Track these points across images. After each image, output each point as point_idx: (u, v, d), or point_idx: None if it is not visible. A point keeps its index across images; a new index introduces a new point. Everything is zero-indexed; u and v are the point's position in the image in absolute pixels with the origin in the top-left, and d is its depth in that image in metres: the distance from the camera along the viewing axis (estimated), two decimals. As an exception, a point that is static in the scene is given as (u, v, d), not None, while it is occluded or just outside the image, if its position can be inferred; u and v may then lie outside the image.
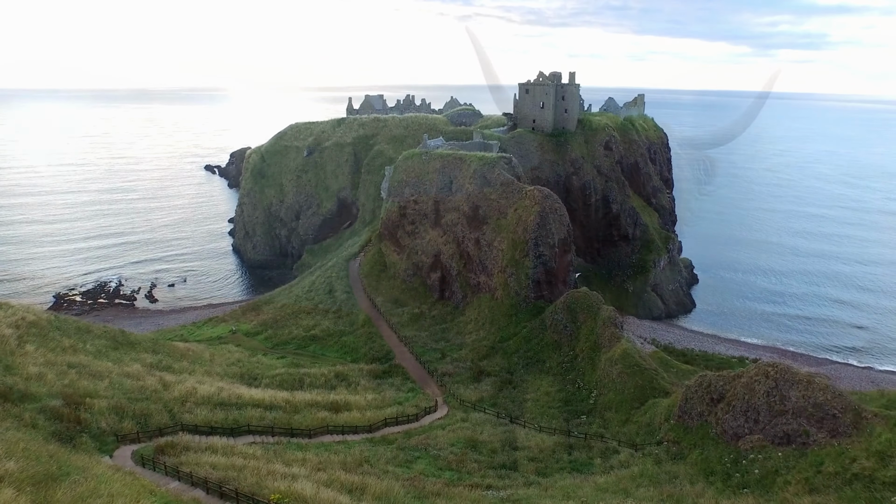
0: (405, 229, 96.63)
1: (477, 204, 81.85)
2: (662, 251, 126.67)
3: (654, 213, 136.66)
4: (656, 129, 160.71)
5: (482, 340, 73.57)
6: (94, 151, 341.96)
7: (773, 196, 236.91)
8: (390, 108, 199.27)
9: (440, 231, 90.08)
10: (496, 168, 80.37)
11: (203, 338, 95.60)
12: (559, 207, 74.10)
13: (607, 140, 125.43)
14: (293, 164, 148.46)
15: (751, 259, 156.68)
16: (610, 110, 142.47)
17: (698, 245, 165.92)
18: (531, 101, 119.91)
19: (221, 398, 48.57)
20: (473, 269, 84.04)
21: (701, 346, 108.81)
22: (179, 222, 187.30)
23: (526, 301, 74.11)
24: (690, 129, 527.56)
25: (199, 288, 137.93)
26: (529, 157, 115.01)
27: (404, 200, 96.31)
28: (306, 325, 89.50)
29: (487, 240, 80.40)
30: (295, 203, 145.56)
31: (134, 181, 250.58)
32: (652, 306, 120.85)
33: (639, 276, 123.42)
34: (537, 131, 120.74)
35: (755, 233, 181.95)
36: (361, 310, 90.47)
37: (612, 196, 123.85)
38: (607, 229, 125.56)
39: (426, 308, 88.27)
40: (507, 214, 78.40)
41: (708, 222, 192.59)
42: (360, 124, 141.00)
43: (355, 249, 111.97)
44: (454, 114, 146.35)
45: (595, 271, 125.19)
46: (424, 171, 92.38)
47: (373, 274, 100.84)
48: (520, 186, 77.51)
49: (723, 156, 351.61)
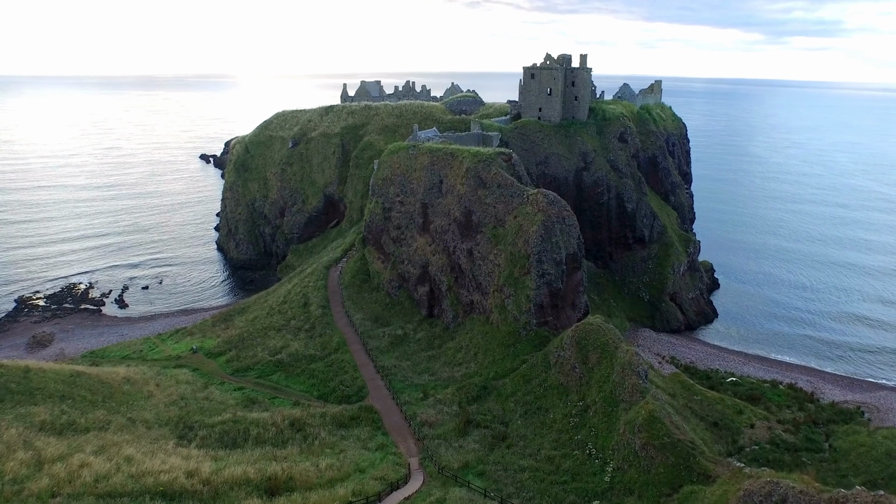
0: (390, 234, 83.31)
1: (470, 209, 68.25)
2: (682, 255, 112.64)
3: (673, 211, 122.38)
4: (674, 118, 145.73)
5: (473, 376, 60.35)
6: (88, 141, 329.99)
7: (792, 191, 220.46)
8: (388, 94, 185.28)
9: (429, 238, 76.66)
10: (492, 166, 66.63)
11: (161, 356, 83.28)
12: (568, 216, 60.35)
13: (622, 131, 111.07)
14: (278, 157, 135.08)
15: (773, 261, 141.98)
16: (625, 98, 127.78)
17: (716, 245, 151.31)
18: (537, 87, 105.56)
19: (113, 484, 35.73)
20: (466, 284, 70.69)
21: (727, 366, 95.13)
22: (164, 217, 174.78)
23: (526, 328, 60.75)
24: (704, 117, 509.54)
25: (174, 291, 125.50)
26: (534, 151, 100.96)
27: (389, 201, 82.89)
28: (273, 347, 76.69)
29: (481, 252, 66.92)
30: (279, 199, 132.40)
31: (123, 173, 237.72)
32: (670, 317, 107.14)
33: (655, 283, 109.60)
34: (544, 121, 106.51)
35: (775, 232, 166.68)
36: (337, 329, 77.43)
37: (626, 194, 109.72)
38: (621, 231, 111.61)
39: (411, 329, 75.07)
40: (504, 222, 64.82)
41: (724, 220, 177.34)
42: (348, 112, 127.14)
43: (337, 254, 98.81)
44: (453, 101, 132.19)
45: (607, 277, 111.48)
46: (411, 168, 78.79)
47: (354, 284, 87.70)
48: (520, 189, 63.76)
49: (738, 147, 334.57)
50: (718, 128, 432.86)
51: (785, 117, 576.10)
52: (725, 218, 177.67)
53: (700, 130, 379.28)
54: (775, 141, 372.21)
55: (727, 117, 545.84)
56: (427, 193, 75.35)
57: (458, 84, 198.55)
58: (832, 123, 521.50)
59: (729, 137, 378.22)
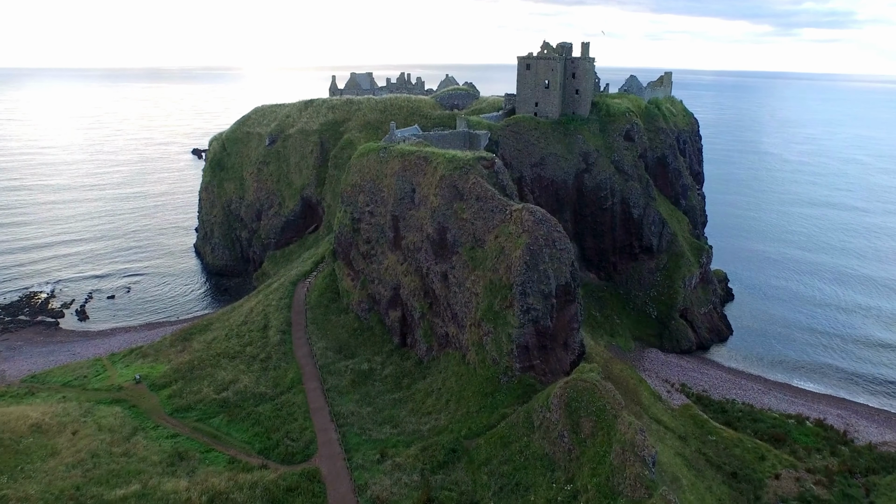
0: (359, 249, 72.03)
1: (444, 224, 56.76)
2: (694, 266, 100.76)
3: (684, 217, 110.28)
4: (685, 113, 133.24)
5: (442, 432, 49.14)
6: (80, 136, 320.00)
7: (809, 193, 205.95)
8: (380, 87, 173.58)
9: (400, 256, 65.32)
10: (470, 174, 55.06)
11: (103, 385, 72.72)
12: (559, 238, 48.75)
13: (628, 129, 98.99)
14: (255, 155, 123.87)
15: (791, 273, 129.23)
16: (631, 91, 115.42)
17: (728, 251, 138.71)
18: (533, 79, 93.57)
19: None
20: (440, 313, 59.39)
21: (744, 397, 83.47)
22: (144, 221, 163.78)
23: (508, 374, 49.40)
24: (713, 111, 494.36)
25: (142, 301, 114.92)
26: (529, 151, 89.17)
27: (358, 211, 71.54)
28: (222, 381, 65.78)
29: (457, 277, 55.51)
30: (256, 201, 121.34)
31: (109, 171, 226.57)
32: (680, 336, 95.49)
33: (664, 298, 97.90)
34: (540, 118, 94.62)
35: (792, 240, 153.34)
36: (294, 361, 66.39)
37: (633, 198, 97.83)
38: (626, 239, 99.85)
39: (379, 361, 63.90)
40: (484, 242, 53.36)
41: (737, 224, 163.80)
42: (329, 107, 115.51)
43: (307, 267, 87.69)
44: (444, 95, 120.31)
45: (610, 291, 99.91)
46: (381, 175, 67.33)
47: (321, 305, 76.56)
48: (503, 203, 52.19)
49: (749, 143, 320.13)
50: (728, 121, 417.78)
51: (797, 110, 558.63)
52: (738, 223, 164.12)
53: (709, 124, 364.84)
54: (788, 135, 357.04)
55: (737, 110, 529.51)
56: (398, 204, 63.92)
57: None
58: (846, 117, 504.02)
59: (739, 132, 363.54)
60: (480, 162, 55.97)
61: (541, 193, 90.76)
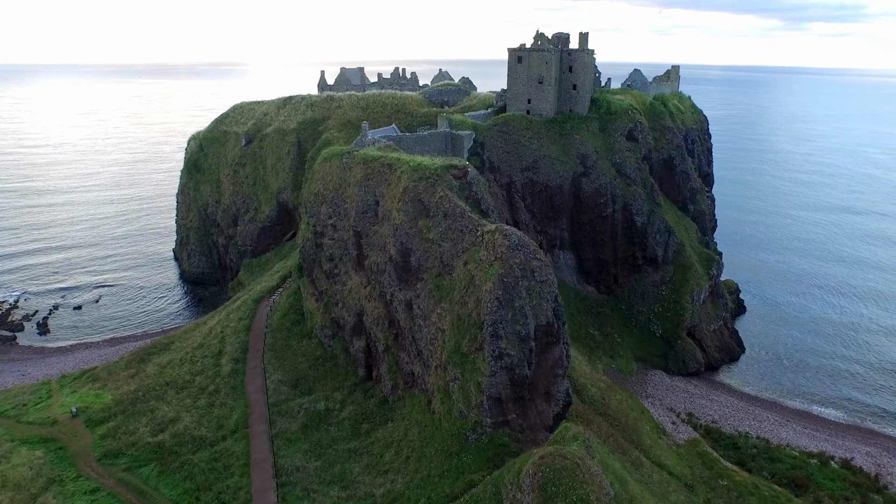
0: (322, 267, 63.14)
1: (407, 245, 47.67)
2: (703, 279, 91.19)
3: (692, 223, 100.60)
4: (694, 110, 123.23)
5: (398, 499, 40.27)
6: (76, 134, 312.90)
7: (824, 195, 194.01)
8: (371, 82, 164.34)
9: (364, 277, 56.33)
10: (438, 186, 45.90)
11: (38, 418, 64.48)
12: (539, 267, 39.51)
13: (631, 128, 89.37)
14: (231, 156, 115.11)
15: (807, 285, 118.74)
16: (636, 87, 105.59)
17: (739, 257, 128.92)
18: (525, 73, 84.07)
19: None
20: (405, 347, 50.42)
21: (759, 429, 73.92)
22: (128, 223, 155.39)
23: (477, 430, 40.37)
24: (721, 106, 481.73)
25: (110, 313, 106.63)
26: (519, 154, 79.75)
27: (321, 224, 62.61)
28: (162, 419, 57.22)
29: (422, 308, 46.46)
30: (232, 205, 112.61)
31: (99, 171, 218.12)
32: (687, 357, 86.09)
33: (670, 314, 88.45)
34: (534, 116, 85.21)
35: (808, 248, 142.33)
36: (244, 397, 57.69)
37: (636, 205, 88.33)
38: (629, 249, 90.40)
39: (339, 399, 55.05)
40: (452, 269, 44.25)
41: (747, 227, 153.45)
42: (308, 105, 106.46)
43: (274, 282, 79.02)
44: (434, 91, 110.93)
45: (611, 306, 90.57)
46: (345, 183, 58.28)
47: (283, 328, 67.79)
48: (473, 222, 43.00)
49: (759, 140, 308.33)
50: (737, 117, 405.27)
51: (807, 105, 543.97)
52: (749, 229, 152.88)
53: (717, 120, 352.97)
54: (800, 132, 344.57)
55: (746, 106, 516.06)
56: (360, 218, 54.84)
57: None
58: (858, 112, 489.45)
59: (749, 128, 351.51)
60: (450, 171, 46.75)
61: (533, 200, 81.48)
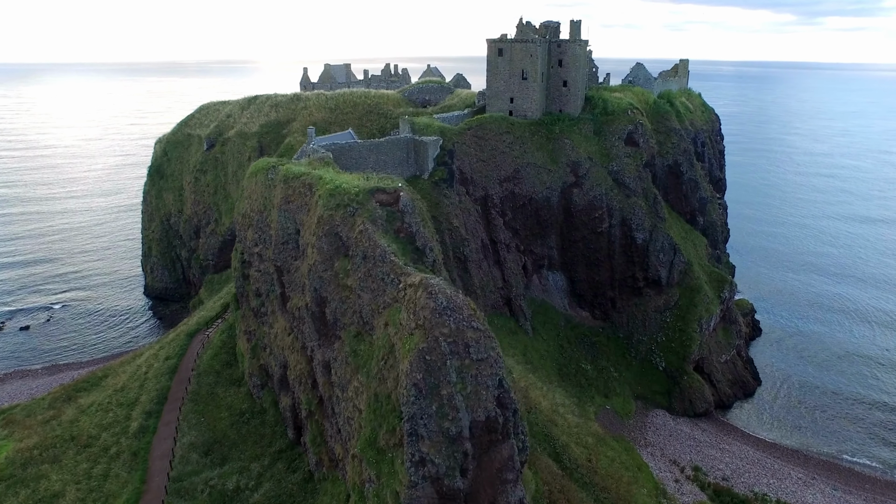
0: (249, 303, 51.98)
1: (322, 293, 36.29)
2: (713, 303, 78.89)
3: (702, 238, 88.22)
4: (704, 109, 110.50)
5: None
6: (71, 135, 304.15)
7: (846, 198, 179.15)
8: (358, 80, 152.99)
9: (288, 321, 45.03)
10: (357, 218, 34.38)
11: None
12: (477, 340, 27.76)
13: (630, 130, 77.15)
14: (193, 161, 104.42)
15: (830, 295, 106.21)
16: (637, 82, 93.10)
17: (753, 271, 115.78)
18: (507, 68, 72.08)
19: None
20: (328, 416, 39.10)
21: (780, 489, 61.71)
22: (102, 236, 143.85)
23: (398, 559, 28.91)
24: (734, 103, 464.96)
25: (60, 334, 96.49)
26: (497, 161, 67.87)
27: (248, 251, 51.38)
28: (42, 496, 46.49)
29: (339, 375, 35.09)
30: (194, 215, 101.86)
31: (84, 175, 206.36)
32: (694, 396, 73.98)
33: (675, 344, 76.30)
34: (517, 117, 73.27)
35: (830, 254, 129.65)
36: (142, 468, 46.59)
37: (636, 219, 76.19)
38: (628, 269, 78.31)
39: (256, 473, 43.88)
40: (372, 327, 32.80)
41: (762, 237, 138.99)
42: (272, 105, 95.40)
43: (215, 310, 68.11)
44: (414, 89, 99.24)
45: (607, 335, 78.57)
46: (269, 205, 46.96)
47: (212, 370, 56.74)
48: (395, 269, 31.44)
49: (774, 139, 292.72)
50: (750, 115, 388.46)
51: (824, 102, 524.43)
52: (765, 241, 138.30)
53: (730, 118, 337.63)
54: (816, 129, 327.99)
55: (759, 102, 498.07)
56: (280, 250, 43.46)
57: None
58: (877, 108, 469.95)
59: (763, 126, 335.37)
60: (375, 196, 35.20)
61: (515, 216, 69.67)
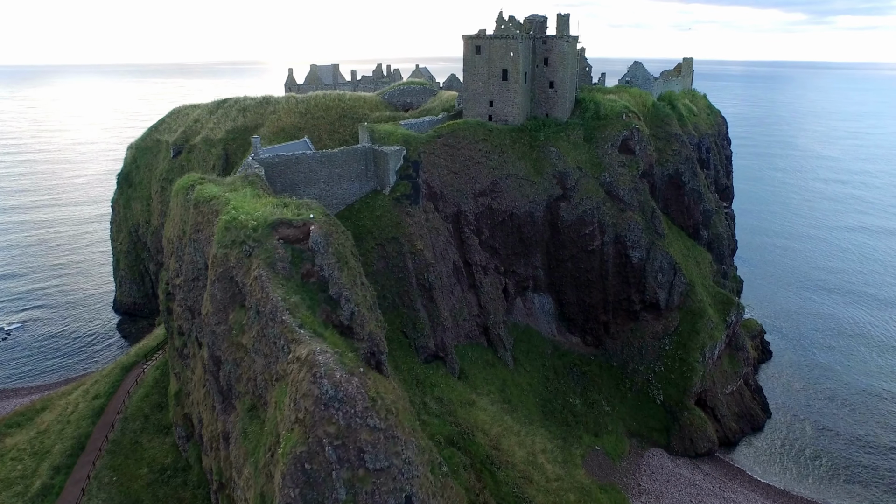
0: (174, 342, 44.56)
1: (215, 350, 28.79)
2: (718, 329, 70.65)
3: (706, 254, 79.93)
4: (710, 111, 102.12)
5: None
6: (63, 139, 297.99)
7: (861, 207, 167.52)
8: (346, 81, 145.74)
9: (203, 370, 37.52)
10: (255, 259, 26.78)
11: None
12: (375, 442, 20.00)
13: (626, 136, 69.08)
14: (160, 169, 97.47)
15: (846, 317, 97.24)
16: (636, 83, 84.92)
17: (762, 286, 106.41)
18: (485, 67, 64.28)
19: None
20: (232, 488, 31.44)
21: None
22: (78, 241, 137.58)
23: None
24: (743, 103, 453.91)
25: (19, 349, 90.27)
26: (472, 173, 60.03)
27: (171, 281, 44.02)
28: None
29: (235, 457, 27.52)
30: (161, 226, 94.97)
31: (67, 182, 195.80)
32: (696, 433, 65.84)
33: (675, 375, 68.16)
34: (497, 122, 65.43)
35: (846, 266, 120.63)
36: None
37: (631, 236, 68.13)
38: (623, 291, 70.24)
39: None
40: (266, 402, 25.18)
41: (773, 252, 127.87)
42: (240, 109, 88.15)
43: (157, 341, 60.89)
44: (394, 91, 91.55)
45: (599, 364, 70.52)
46: (186, 230, 39.51)
47: (140, 414, 49.40)
48: (287, 333, 23.78)
49: (785, 141, 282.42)
50: (759, 117, 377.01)
51: (835, 102, 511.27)
52: (777, 256, 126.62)
53: (739, 119, 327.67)
54: (828, 131, 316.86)
55: (769, 102, 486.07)
56: (190, 287, 36.04)
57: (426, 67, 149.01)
58: (890, 108, 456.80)
59: (773, 127, 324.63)
60: (277, 231, 27.51)
61: (493, 234, 61.82)
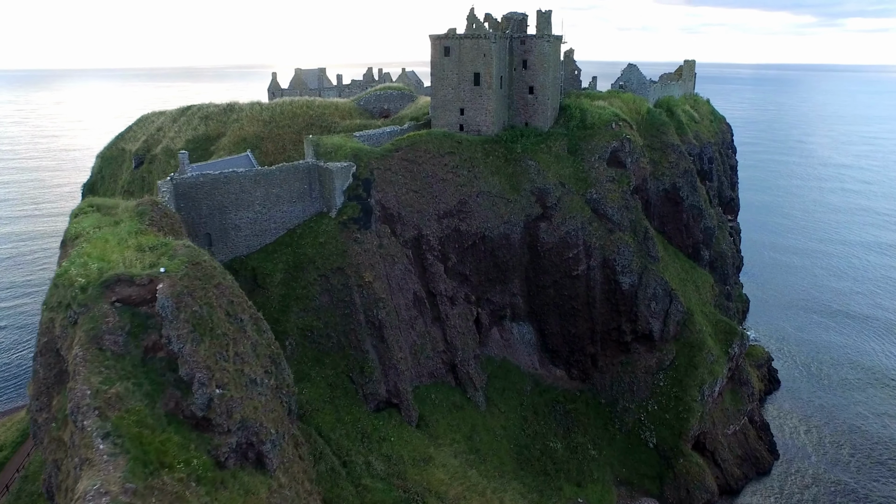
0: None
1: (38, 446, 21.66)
2: (719, 363, 62.80)
3: (707, 276, 72.04)
4: (714, 118, 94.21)
5: None
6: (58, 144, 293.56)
7: (874, 217, 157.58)
8: (332, 86, 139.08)
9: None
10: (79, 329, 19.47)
11: None
12: None
13: (615, 147, 61.49)
14: (122, 181, 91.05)
15: (862, 347, 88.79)
16: (630, 87, 77.23)
17: (769, 309, 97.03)
18: (456, 71, 56.97)
19: None
20: None
21: None
22: (49, 255, 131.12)
23: None
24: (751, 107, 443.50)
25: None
26: (434, 192, 52.62)
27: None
28: None
29: None
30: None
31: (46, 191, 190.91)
32: (692, 482, 58.03)
33: (670, 415, 60.41)
34: (469, 133, 58.13)
35: (860, 287, 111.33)
36: None
37: (621, 259, 60.51)
38: (612, 320, 62.57)
39: None
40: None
41: (783, 271, 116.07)
42: (202, 117, 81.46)
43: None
44: (370, 96, 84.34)
45: (586, 401, 62.83)
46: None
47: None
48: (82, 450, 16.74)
49: (794, 146, 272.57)
50: (768, 121, 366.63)
51: (846, 105, 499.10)
52: (786, 278, 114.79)
53: (747, 123, 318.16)
54: (839, 135, 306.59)
55: (778, 106, 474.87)
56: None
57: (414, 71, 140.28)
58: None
59: (782, 132, 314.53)
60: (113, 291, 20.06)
61: (462, 259, 54.39)
